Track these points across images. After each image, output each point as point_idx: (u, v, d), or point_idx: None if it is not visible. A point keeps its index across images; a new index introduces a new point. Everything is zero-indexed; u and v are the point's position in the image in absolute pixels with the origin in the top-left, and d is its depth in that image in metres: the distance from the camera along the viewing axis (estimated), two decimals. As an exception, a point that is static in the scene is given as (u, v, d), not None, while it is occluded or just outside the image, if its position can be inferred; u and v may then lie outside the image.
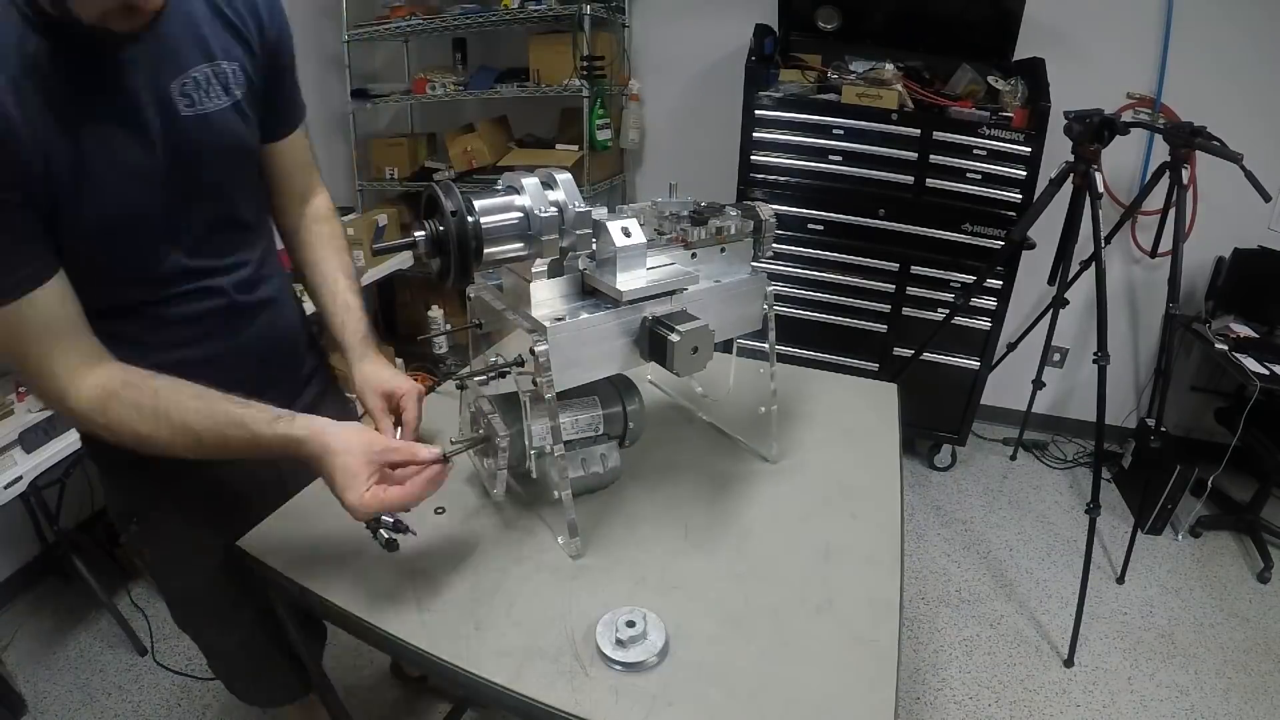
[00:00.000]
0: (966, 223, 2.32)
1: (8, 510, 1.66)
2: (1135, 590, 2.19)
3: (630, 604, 0.76)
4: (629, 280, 0.81)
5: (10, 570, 2.11)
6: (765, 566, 0.86)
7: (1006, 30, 2.35)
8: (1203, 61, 2.37)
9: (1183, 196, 2.09)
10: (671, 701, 0.67)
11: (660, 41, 2.91)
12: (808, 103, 2.36)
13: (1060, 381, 2.95)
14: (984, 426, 3.00)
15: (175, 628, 1.97)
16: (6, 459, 1.59)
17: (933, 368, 2.47)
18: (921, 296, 2.44)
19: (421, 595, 0.80)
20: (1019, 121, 2.21)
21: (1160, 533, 2.44)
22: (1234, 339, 2.35)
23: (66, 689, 1.82)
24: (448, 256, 0.76)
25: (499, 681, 0.69)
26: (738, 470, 1.04)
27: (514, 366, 0.85)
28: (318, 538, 0.89)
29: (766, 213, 0.95)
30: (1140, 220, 2.54)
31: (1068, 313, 2.50)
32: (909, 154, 2.28)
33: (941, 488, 2.69)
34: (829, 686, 0.70)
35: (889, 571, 0.85)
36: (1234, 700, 1.82)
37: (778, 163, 2.41)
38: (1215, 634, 2.03)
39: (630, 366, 0.87)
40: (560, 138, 2.89)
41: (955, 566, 2.27)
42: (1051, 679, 1.86)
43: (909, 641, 1.97)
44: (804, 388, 1.28)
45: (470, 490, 0.99)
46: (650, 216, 0.93)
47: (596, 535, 0.90)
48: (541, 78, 2.73)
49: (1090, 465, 2.61)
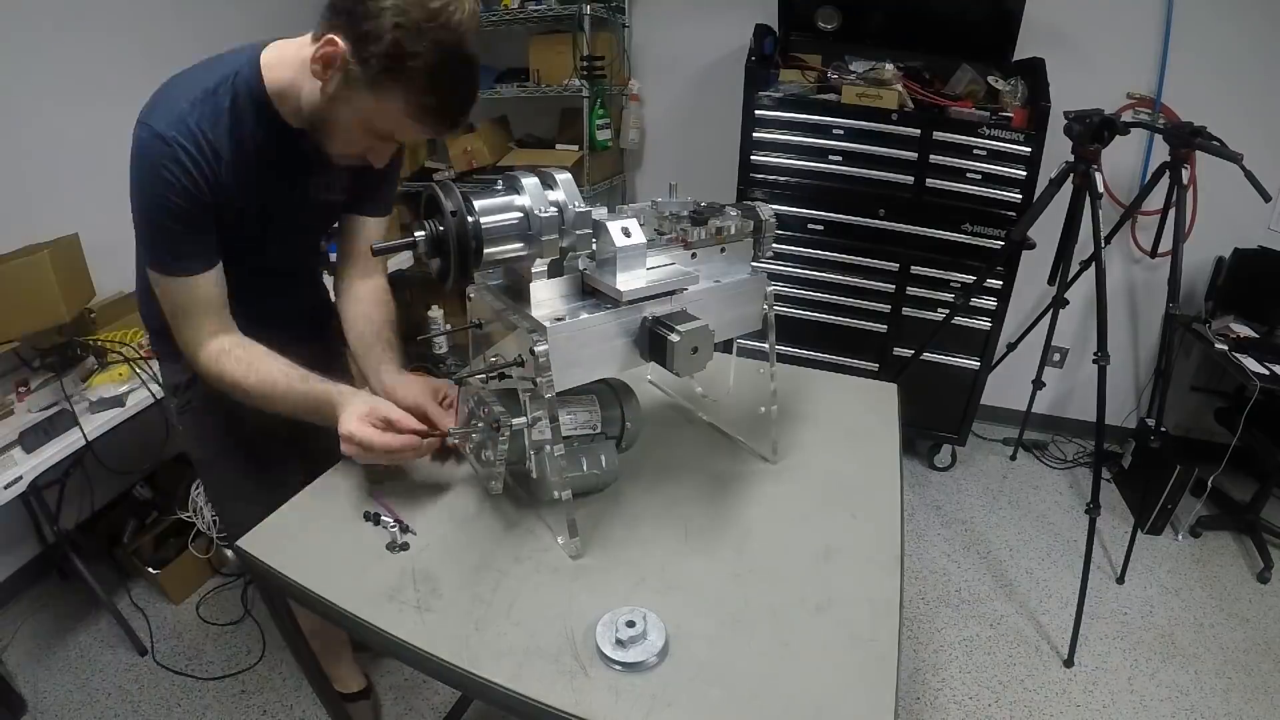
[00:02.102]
0: (966, 223, 2.32)
1: (8, 510, 1.66)
2: (1135, 590, 2.19)
3: (630, 604, 0.76)
4: (629, 280, 0.81)
5: (10, 570, 2.11)
6: (765, 566, 0.86)
7: (1006, 30, 2.35)
8: (1203, 61, 2.37)
9: (1183, 196, 2.09)
10: (671, 701, 0.67)
11: (660, 41, 2.91)
12: (808, 103, 2.36)
13: (1060, 381, 2.95)
14: (984, 426, 3.00)
15: (175, 628, 1.99)
16: (6, 459, 1.59)
17: (933, 368, 2.47)
18: (921, 296, 2.44)
19: (421, 595, 0.80)
20: (1019, 121, 2.21)
21: (1160, 533, 2.44)
22: (1234, 339, 2.35)
23: (66, 689, 1.82)
24: (448, 256, 0.76)
25: (499, 681, 0.69)
26: (738, 470, 1.04)
27: (514, 366, 0.85)
28: (318, 537, 0.90)
29: (766, 213, 0.95)
30: (1140, 220, 2.54)
31: (1068, 313, 2.50)
32: (909, 154, 2.28)
33: (941, 488, 2.69)
34: (829, 686, 0.70)
35: (889, 571, 0.85)
36: (1234, 700, 1.82)
37: (778, 163, 2.41)
38: (1215, 634, 2.03)
39: (630, 366, 0.87)
40: (560, 138, 2.89)
41: (955, 566, 2.27)
42: (1051, 679, 1.86)
43: (909, 641, 1.97)
44: (804, 388, 1.28)
45: (470, 491, 0.99)
46: (650, 217, 0.93)
47: (596, 535, 0.90)
48: (541, 78, 2.73)
49: (1090, 465, 2.61)
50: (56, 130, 2.00)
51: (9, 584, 2.10)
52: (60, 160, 2.01)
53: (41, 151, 1.97)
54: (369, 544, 0.88)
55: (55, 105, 1.98)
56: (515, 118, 3.07)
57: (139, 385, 1.79)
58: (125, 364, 1.80)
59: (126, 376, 1.79)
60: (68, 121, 2.02)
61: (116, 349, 1.82)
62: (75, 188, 2.05)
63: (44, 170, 1.97)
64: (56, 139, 2.00)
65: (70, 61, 2.00)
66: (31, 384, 1.78)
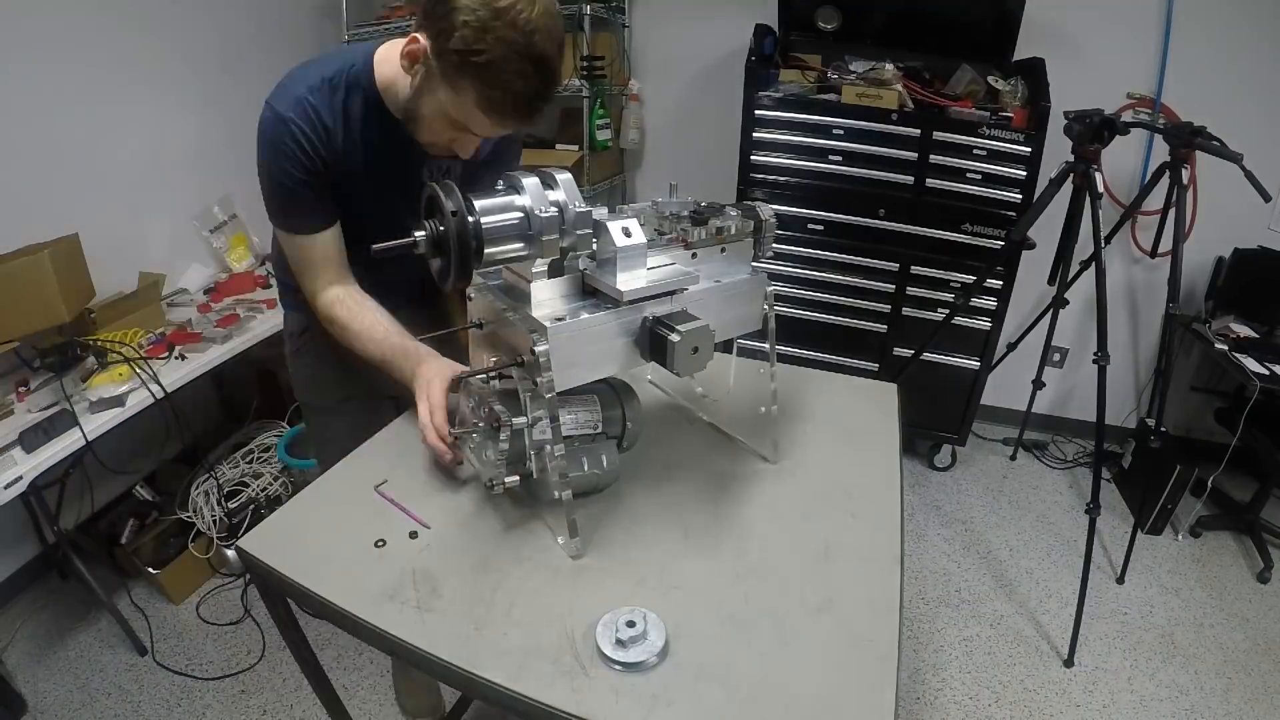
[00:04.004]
0: (966, 223, 2.32)
1: (8, 510, 1.66)
2: (1135, 590, 2.19)
3: (630, 604, 0.76)
4: (629, 280, 0.81)
5: (10, 570, 2.11)
6: (765, 566, 0.85)
7: (1006, 30, 2.35)
8: (1203, 61, 2.37)
9: (1183, 196, 2.09)
10: (671, 701, 0.67)
11: (660, 41, 2.91)
12: (808, 103, 2.36)
13: (1060, 381, 2.95)
14: (984, 426, 3.00)
15: (175, 628, 1.99)
16: (6, 459, 1.59)
17: (933, 368, 2.47)
18: (921, 296, 2.44)
19: (421, 595, 0.80)
20: (1019, 121, 2.21)
21: (1160, 533, 2.44)
22: (1234, 339, 2.35)
23: (66, 689, 1.82)
24: (448, 256, 0.76)
25: (499, 681, 0.69)
26: (738, 470, 1.04)
27: (514, 366, 0.85)
28: (318, 537, 0.90)
29: (766, 213, 0.95)
30: (1140, 220, 2.54)
31: (1068, 313, 2.50)
32: (909, 154, 2.28)
33: (941, 488, 2.69)
34: (829, 686, 0.70)
35: (889, 571, 0.85)
36: (1234, 700, 1.82)
37: (778, 163, 2.41)
38: (1215, 634, 2.03)
39: (631, 366, 0.87)
40: (560, 138, 2.88)
41: (955, 566, 2.27)
42: (1051, 679, 1.87)
43: (909, 641, 1.97)
44: (804, 388, 1.28)
45: (470, 491, 0.99)
46: (650, 216, 0.93)
47: (596, 535, 0.89)
48: (541, 78, 2.72)
49: (1090, 465, 2.61)
50: (57, 131, 2.00)
51: (9, 584, 2.10)
52: (60, 161, 2.01)
53: (41, 152, 1.97)
54: (369, 544, 0.88)
55: (56, 106, 1.99)
56: (515, 118, 3.07)
57: (139, 385, 1.79)
58: (125, 364, 1.80)
59: (126, 376, 1.79)
60: (68, 122, 2.02)
61: (116, 349, 1.82)
62: (75, 188, 2.05)
63: (44, 171, 1.97)
64: (56, 139, 2.00)
65: (71, 62, 2.00)
66: (31, 384, 1.78)
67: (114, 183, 2.18)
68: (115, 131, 2.15)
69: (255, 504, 2.19)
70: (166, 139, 2.31)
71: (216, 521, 2.13)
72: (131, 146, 2.20)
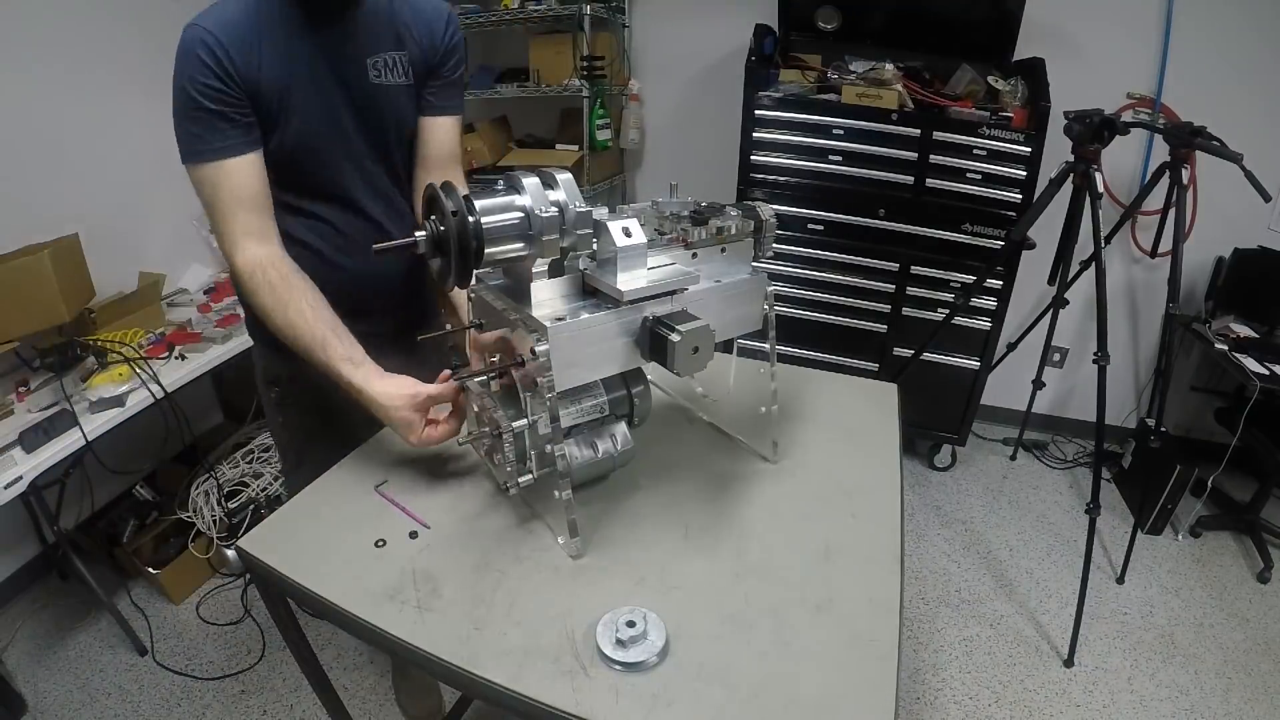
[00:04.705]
0: (966, 223, 2.32)
1: (8, 510, 1.66)
2: (1135, 590, 2.19)
3: (630, 604, 0.76)
4: (630, 280, 0.81)
5: (10, 570, 2.11)
6: (765, 566, 0.85)
7: (1006, 30, 2.35)
8: (1203, 61, 2.37)
9: (1183, 196, 2.08)
10: (671, 701, 0.67)
11: (660, 41, 2.91)
12: (808, 103, 2.36)
13: (1060, 381, 2.95)
14: (984, 426, 3.00)
15: (175, 628, 1.99)
16: (6, 459, 1.59)
17: (933, 368, 2.47)
18: (921, 296, 2.44)
19: (421, 595, 0.80)
20: (1019, 121, 2.21)
21: (1160, 533, 2.44)
22: (1234, 339, 2.35)
23: (66, 689, 1.82)
24: (448, 256, 0.76)
25: (499, 681, 0.69)
26: (738, 470, 1.04)
27: (514, 366, 0.85)
28: (318, 537, 0.90)
29: (766, 213, 0.95)
30: (1140, 220, 2.54)
31: (1068, 313, 2.50)
32: (909, 154, 2.28)
33: (941, 488, 2.69)
34: (829, 686, 0.70)
35: (889, 571, 0.85)
36: (1234, 700, 1.82)
37: (778, 163, 2.41)
38: (1215, 634, 2.03)
39: (631, 366, 0.87)
40: (560, 138, 2.89)
41: (955, 566, 2.27)
42: (1051, 679, 1.87)
43: (909, 641, 1.97)
44: (804, 388, 1.28)
45: (470, 491, 0.99)
46: (650, 216, 0.93)
47: (597, 535, 0.90)
48: (541, 78, 2.73)
49: (1090, 465, 2.61)
50: (57, 130, 2.00)
51: (9, 584, 2.10)
52: (60, 161, 2.01)
53: (41, 152, 1.97)
54: (369, 544, 0.88)
55: (56, 106, 1.99)
56: (515, 118, 3.07)
57: (139, 385, 1.79)
58: (125, 364, 1.80)
59: (126, 376, 1.79)
60: (68, 122, 2.02)
61: (116, 349, 1.82)
62: (75, 188, 2.05)
63: (44, 171, 1.97)
64: (57, 139, 2.00)
65: (71, 62, 2.01)
66: (31, 384, 1.78)
67: (114, 183, 2.18)
68: (115, 131, 2.15)
69: (255, 504, 2.19)
70: (167, 139, 2.30)
71: (216, 521, 2.13)
72: (131, 146, 2.20)
